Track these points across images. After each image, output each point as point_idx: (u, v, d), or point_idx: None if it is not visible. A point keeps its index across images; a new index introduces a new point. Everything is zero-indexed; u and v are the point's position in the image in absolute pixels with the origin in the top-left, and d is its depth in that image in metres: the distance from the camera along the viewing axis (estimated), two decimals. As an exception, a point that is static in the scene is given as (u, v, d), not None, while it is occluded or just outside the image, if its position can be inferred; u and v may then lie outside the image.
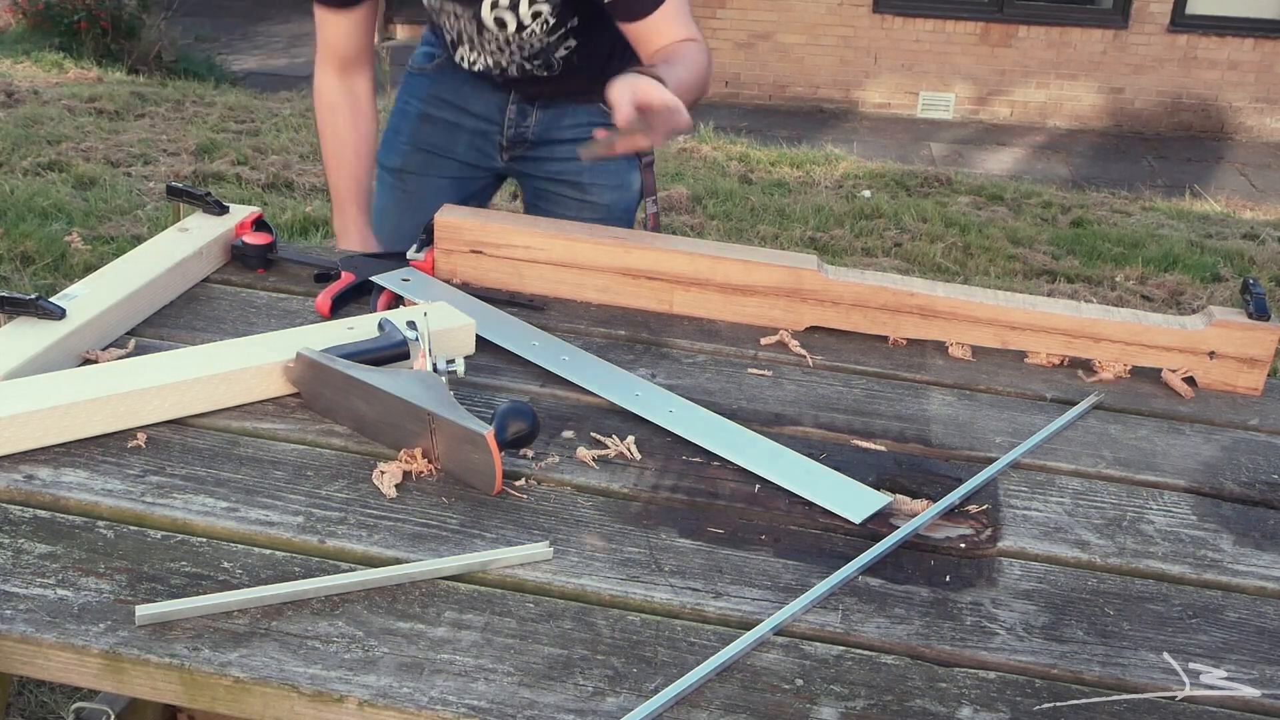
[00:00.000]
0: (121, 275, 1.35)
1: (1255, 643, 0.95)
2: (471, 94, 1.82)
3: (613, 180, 1.85)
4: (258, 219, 1.55)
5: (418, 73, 1.89)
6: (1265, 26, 7.66)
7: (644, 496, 1.09)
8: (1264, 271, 4.88)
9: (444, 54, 1.81)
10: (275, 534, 0.99)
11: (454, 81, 1.82)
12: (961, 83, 7.96)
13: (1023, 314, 1.42)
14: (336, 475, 1.07)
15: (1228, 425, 1.33)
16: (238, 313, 1.39)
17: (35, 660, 0.86)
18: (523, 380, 1.28)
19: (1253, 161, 7.26)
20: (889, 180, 5.92)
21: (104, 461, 1.07)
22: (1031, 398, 1.34)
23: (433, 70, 1.85)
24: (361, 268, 1.45)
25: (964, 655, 0.91)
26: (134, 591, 0.90)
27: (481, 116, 1.84)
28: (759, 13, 7.92)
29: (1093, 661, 0.91)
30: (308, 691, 0.82)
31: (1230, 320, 1.38)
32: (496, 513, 1.04)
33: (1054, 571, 1.03)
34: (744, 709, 0.84)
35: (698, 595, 0.95)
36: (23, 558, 0.93)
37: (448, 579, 0.95)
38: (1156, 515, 1.13)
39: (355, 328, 1.26)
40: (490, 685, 0.84)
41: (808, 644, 0.91)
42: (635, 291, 1.47)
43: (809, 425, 1.24)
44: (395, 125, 1.90)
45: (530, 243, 1.47)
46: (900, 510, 1.09)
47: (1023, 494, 1.14)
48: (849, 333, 1.45)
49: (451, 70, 1.80)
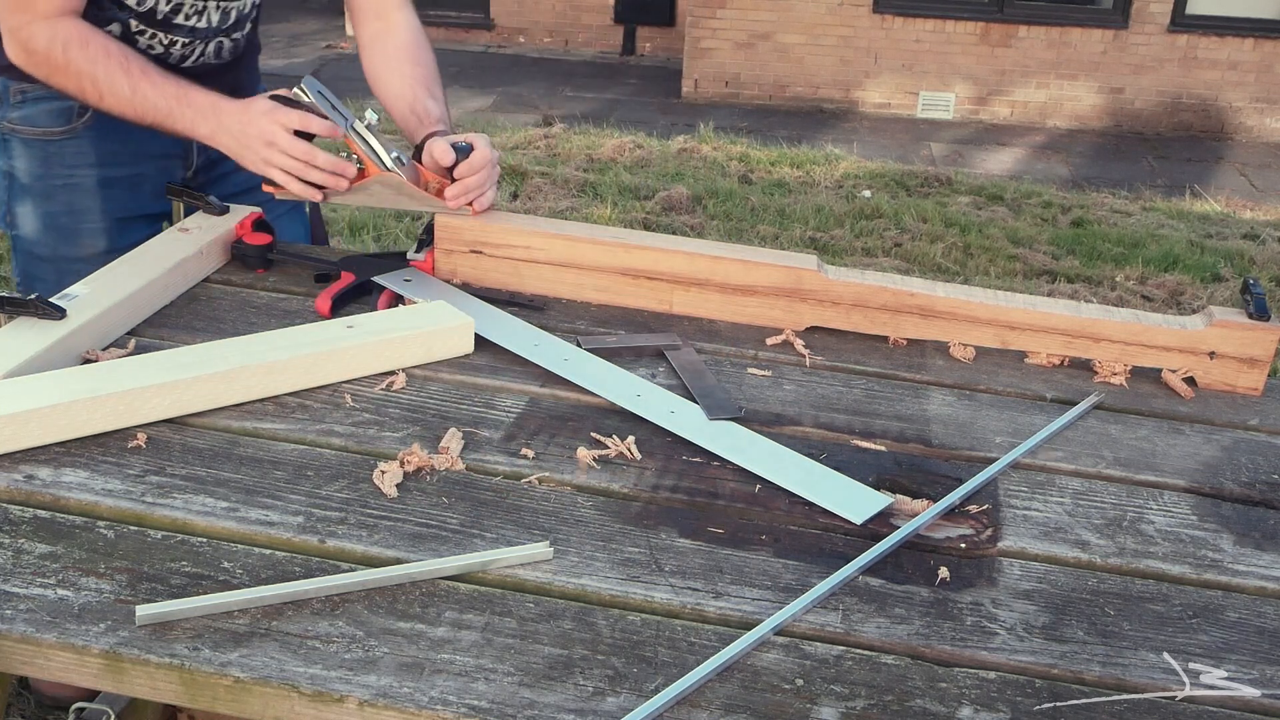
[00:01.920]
0: (122, 275, 1.35)
1: (1255, 643, 0.95)
2: (142, 133, 1.52)
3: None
4: (258, 219, 1.55)
5: (62, 137, 1.54)
6: (1265, 26, 7.66)
7: (644, 496, 1.09)
8: (1264, 271, 4.88)
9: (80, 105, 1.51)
10: (275, 534, 0.99)
11: (118, 128, 1.51)
12: (961, 83, 7.96)
13: (1023, 314, 1.42)
14: (337, 475, 1.07)
15: (1228, 425, 1.33)
16: (238, 313, 1.39)
17: (35, 660, 0.86)
18: (523, 380, 1.28)
19: (1253, 161, 7.26)
20: (889, 180, 5.92)
21: (104, 461, 1.07)
22: (1032, 398, 1.34)
23: (85, 127, 1.55)
24: (361, 268, 1.45)
25: (964, 655, 0.91)
26: (134, 591, 0.90)
27: (162, 155, 1.62)
28: (759, 13, 7.92)
29: (1093, 661, 0.91)
30: (308, 691, 0.82)
31: (1230, 320, 1.38)
32: (497, 513, 1.04)
33: (1054, 571, 1.03)
34: (744, 709, 0.84)
35: (698, 595, 0.95)
36: (23, 558, 0.93)
37: (448, 579, 0.95)
38: (1157, 515, 1.13)
39: (355, 326, 1.26)
40: (490, 685, 0.84)
41: (808, 644, 0.91)
42: (635, 291, 1.47)
43: (809, 425, 1.24)
44: (69, 208, 1.56)
45: (530, 243, 1.47)
46: (900, 510, 1.09)
47: (1023, 494, 1.14)
48: (849, 333, 1.45)
49: (107, 117, 1.50)
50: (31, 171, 1.56)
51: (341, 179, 1.44)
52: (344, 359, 1.23)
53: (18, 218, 1.59)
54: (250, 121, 1.43)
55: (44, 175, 1.56)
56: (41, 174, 1.56)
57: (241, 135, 1.43)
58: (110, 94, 1.45)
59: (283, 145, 1.41)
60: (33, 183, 1.56)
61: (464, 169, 1.46)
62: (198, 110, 1.46)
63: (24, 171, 1.56)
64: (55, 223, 1.57)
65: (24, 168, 1.56)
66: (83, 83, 1.44)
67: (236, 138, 1.44)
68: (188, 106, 1.46)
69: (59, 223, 1.57)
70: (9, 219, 1.60)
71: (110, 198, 1.58)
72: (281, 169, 1.43)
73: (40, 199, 1.56)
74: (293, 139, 1.41)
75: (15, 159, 1.56)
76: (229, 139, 1.45)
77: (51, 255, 1.57)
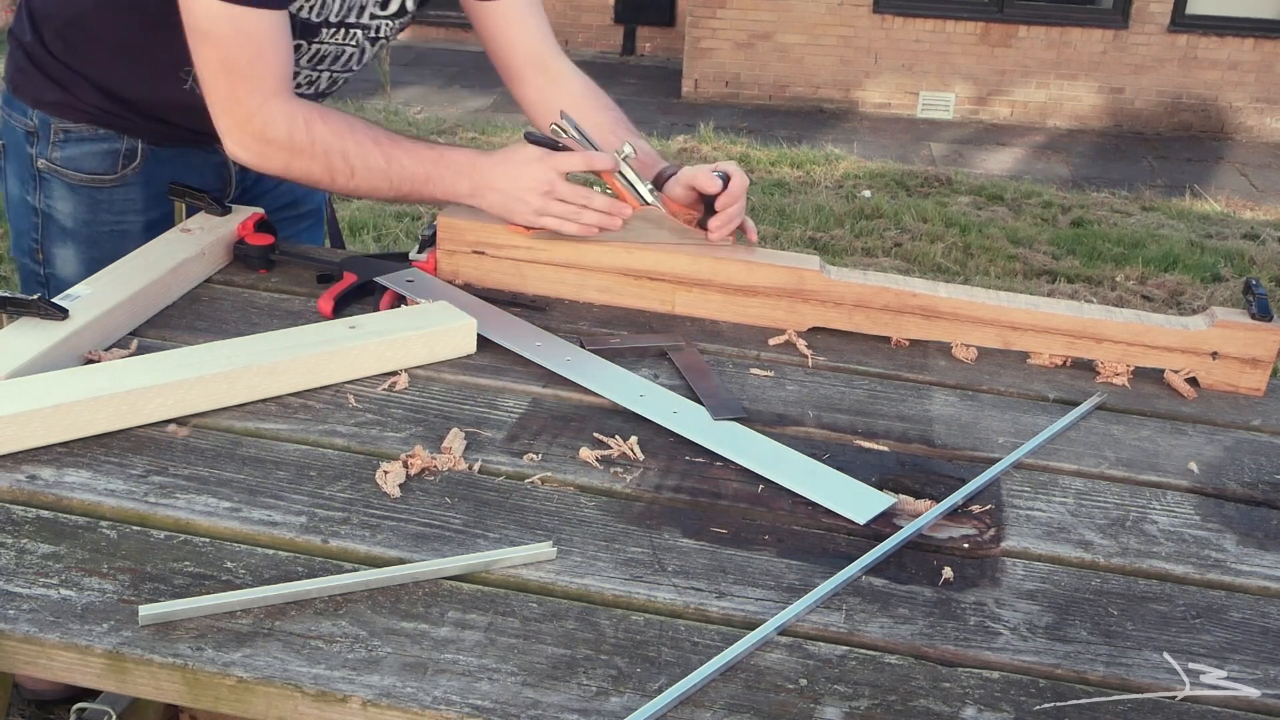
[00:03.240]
0: (124, 275, 1.35)
1: (1258, 643, 0.95)
2: (186, 172, 1.54)
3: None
4: (260, 219, 1.55)
5: (112, 184, 1.50)
6: (1265, 26, 7.67)
7: (647, 497, 1.09)
8: (1264, 271, 4.88)
9: (133, 144, 1.50)
10: (278, 534, 0.99)
11: (164, 170, 1.52)
12: (961, 83, 7.96)
13: (1025, 314, 1.42)
14: (339, 475, 1.07)
15: (1230, 426, 1.33)
16: (240, 313, 1.39)
17: (38, 660, 0.86)
18: (526, 380, 1.27)
19: (1253, 161, 7.26)
20: (889, 180, 5.92)
21: (106, 462, 1.07)
22: (1034, 398, 1.34)
23: (134, 173, 1.52)
24: (364, 268, 1.45)
25: (967, 655, 0.91)
26: (137, 591, 0.90)
27: (202, 190, 1.56)
28: (759, 13, 7.92)
29: (1096, 661, 0.91)
30: (311, 691, 0.82)
31: (1232, 321, 1.38)
32: (500, 513, 1.04)
33: (1057, 571, 1.03)
34: (748, 709, 0.84)
35: (701, 595, 0.95)
36: (26, 558, 0.93)
37: (451, 579, 0.95)
38: (1160, 515, 1.13)
39: (357, 327, 1.26)
40: (494, 685, 0.84)
41: (811, 644, 0.91)
42: (637, 292, 1.47)
43: (812, 426, 1.24)
44: (115, 252, 1.44)
45: (532, 244, 1.46)
46: (903, 510, 1.09)
47: (1026, 494, 1.14)
48: (851, 333, 1.45)
49: (155, 159, 1.51)
50: (76, 216, 1.50)
51: (616, 218, 1.40)
52: (346, 359, 1.23)
53: (55, 259, 1.53)
54: (521, 174, 1.38)
55: (90, 221, 1.51)
56: (88, 219, 1.51)
57: (513, 188, 1.39)
58: (363, 168, 1.38)
59: (559, 192, 1.38)
60: (78, 228, 1.51)
61: (725, 199, 1.42)
62: (456, 170, 1.41)
63: (66, 215, 1.50)
64: (99, 268, 1.45)
65: (67, 211, 1.50)
66: (331, 160, 1.37)
67: (505, 192, 1.39)
68: (445, 168, 1.41)
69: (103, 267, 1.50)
70: (40, 257, 1.54)
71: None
72: (557, 216, 1.39)
73: (85, 244, 1.52)
74: (568, 184, 1.38)
75: (55, 200, 1.50)
76: (495, 195, 1.40)
77: None
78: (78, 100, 1.47)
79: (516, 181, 1.39)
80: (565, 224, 1.40)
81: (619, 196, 1.42)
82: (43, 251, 1.54)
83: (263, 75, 1.32)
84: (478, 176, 1.41)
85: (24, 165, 1.51)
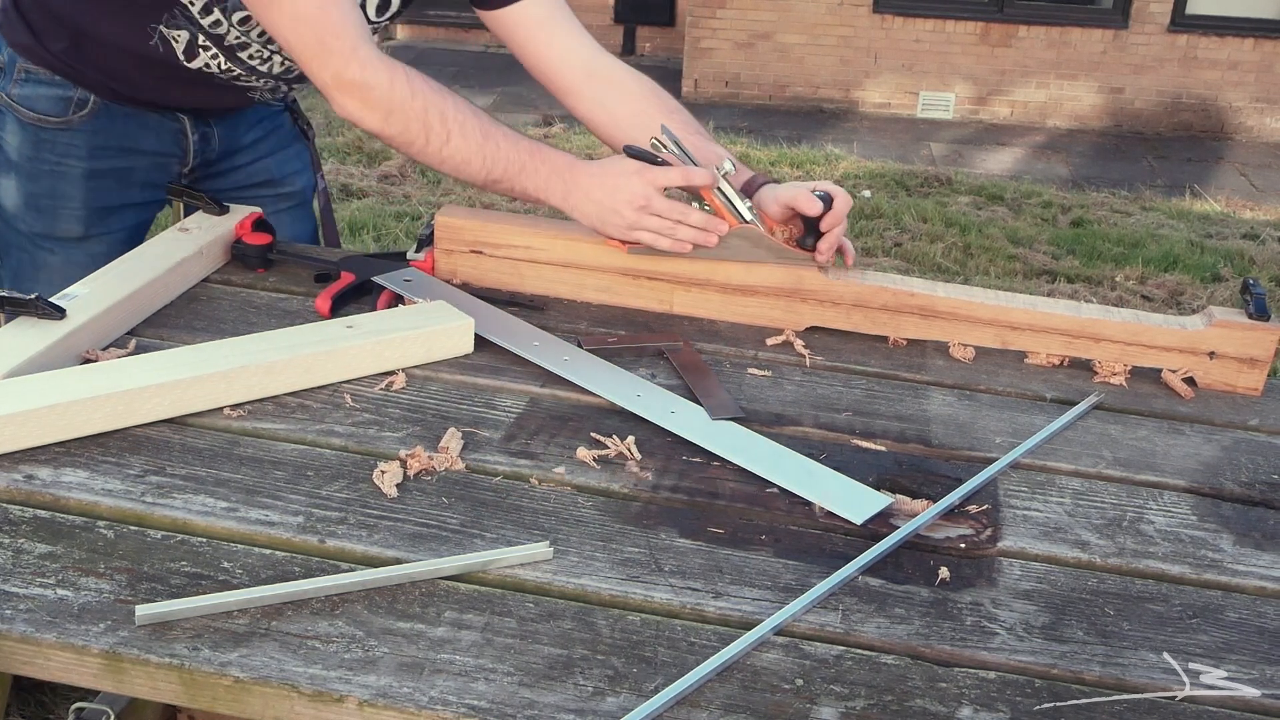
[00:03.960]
0: (121, 275, 1.35)
1: (1255, 643, 0.95)
2: (140, 131, 1.56)
3: (298, 163, 1.77)
4: (258, 219, 1.55)
5: (56, 126, 1.52)
6: (1265, 26, 7.66)
7: (644, 496, 1.09)
8: (1264, 271, 4.88)
9: (85, 94, 1.52)
10: (275, 534, 0.99)
11: (116, 125, 1.54)
12: (961, 83, 7.96)
13: (1023, 314, 1.42)
14: (337, 475, 1.07)
15: (1228, 425, 1.33)
16: (238, 313, 1.39)
17: (35, 660, 0.86)
18: (523, 380, 1.28)
19: (1253, 161, 7.26)
20: (889, 180, 5.92)
21: (104, 461, 1.07)
22: (1031, 398, 1.34)
23: (81, 121, 1.53)
24: (361, 268, 1.45)
25: (964, 655, 0.91)
26: (134, 591, 0.90)
27: (157, 153, 1.60)
28: (759, 13, 7.92)
29: (1093, 661, 0.91)
30: (308, 691, 0.82)
31: (1230, 320, 1.38)
32: (497, 513, 1.04)
33: (1054, 571, 1.03)
34: (744, 709, 0.84)
35: (698, 595, 0.95)
36: (23, 557, 0.93)
37: (448, 579, 0.95)
38: (1156, 515, 1.13)
39: (355, 326, 1.26)
40: (490, 685, 0.84)
41: (808, 644, 0.91)
42: (635, 292, 1.47)
43: (809, 425, 1.24)
44: (51, 191, 1.54)
45: (530, 243, 1.47)
46: (900, 510, 1.09)
47: (1023, 494, 1.14)
48: (849, 333, 1.45)
49: (107, 113, 1.53)
50: (21, 151, 1.54)
51: (711, 235, 1.38)
52: (344, 359, 1.23)
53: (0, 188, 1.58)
54: (618, 186, 1.36)
55: (33, 158, 1.54)
56: (31, 156, 1.54)
57: (609, 200, 1.36)
58: (460, 136, 1.34)
59: (656, 207, 1.36)
60: (21, 162, 1.55)
61: (830, 220, 1.39)
62: (553, 168, 1.38)
63: (13, 149, 1.55)
64: (36, 203, 1.56)
65: (14, 144, 1.54)
66: (430, 119, 1.33)
67: (600, 203, 1.37)
68: (542, 162, 1.38)
69: (40, 204, 1.56)
70: None
71: (94, 189, 1.55)
72: (652, 230, 1.37)
73: (25, 179, 1.55)
74: (665, 199, 1.36)
75: (6, 133, 1.55)
76: (590, 205, 1.38)
77: (27, 231, 1.57)
78: (45, 49, 1.50)
79: (613, 194, 1.36)
80: (659, 239, 1.38)
81: (716, 213, 1.39)
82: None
83: (342, 21, 1.30)
84: (573, 182, 1.38)
85: None
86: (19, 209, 1.57)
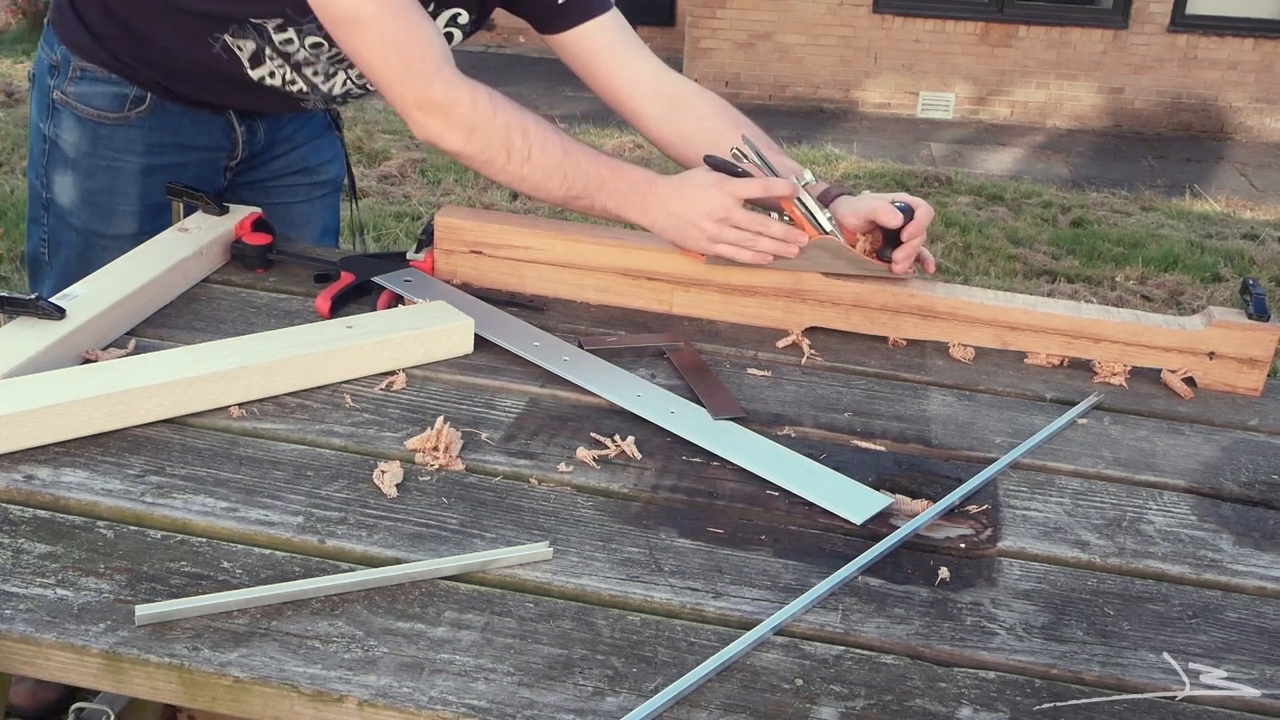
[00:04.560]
0: (121, 275, 1.35)
1: (1255, 643, 0.95)
2: (193, 127, 1.58)
3: (330, 152, 1.78)
4: (257, 219, 1.55)
5: (115, 122, 1.54)
6: (1265, 26, 7.67)
7: (644, 496, 1.09)
8: (1264, 271, 4.88)
9: (142, 92, 1.53)
10: (275, 534, 0.99)
11: (171, 121, 1.56)
12: (961, 83, 7.96)
13: (1022, 314, 1.42)
14: (336, 475, 1.07)
15: (1227, 426, 1.33)
16: (237, 313, 1.39)
17: (35, 660, 0.86)
18: (523, 380, 1.28)
19: (1253, 161, 7.26)
20: (889, 180, 5.92)
21: (104, 461, 1.07)
22: (1031, 398, 1.35)
23: (139, 117, 1.55)
24: (361, 268, 1.45)
25: (964, 655, 0.91)
26: (134, 591, 0.90)
27: (207, 148, 1.62)
28: (759, 13, 7.92)
29: (1092, 661, 0.91)
30: (307, 691, 0.82)
31: (1230, 321, 1.38)
32: (496, 513, 1.04)
33: (1054, 571, 1.03)
34: (744, 709, 0.84)
35: (697, 595, 0.95)
36: (22, 557, 0.93)
37: (447, 579, 0.95)
38: (1156, 515, 1.13)
39: (354, 326, 1.26)
40: (490, 685, 0.84)
41: (808, 644, 0.91)
42: (635, 292, 1.47)
43: (809, 425, 1.24)
44: (109, 188, 1.56)
45: (530, 243, 1.47)
46: (900, 510, 1.09)
47: (1022, 494, 1.14)
48: (848, 333, 1.45)
49: (162, 110, 1.55)
50: (78, 148, 1.55)
51: (792, 246, 1.37)
52: (344, 359, 1.23)
53: (54, 184, 1.59)
54: (698, 199, 1.35)
55: (91, 154, 1.55)
56: (89, 152, 1.55)
57: (688, 213, 1.36)
58: (541, 153, 1.35)
59: (737, 220, 1.35)
60: (79, 158, 1.56)
61: (912, 229, 1.38)
62: (632, 184, 1.38)
63: (70, 145, 1.56)
64: (93, 199, 1.57)
65: (71, 141, 1.56)
66: (511, 136, 1.34)
67: (679, 216, 1.36)
68: (622, 179, 1.38)
69: (96, 200, 1.57)
70: (45, 182, 1.61)
71: (150, 184, 1.56)
72: (732, 244, 1.37)
73: (82, 175, 1.56)
74: (745, 211, 1.35)
75: (63, 130, 1.56)
76: (670, 219, 1.37)
77: (82, 227, 1.58)
78: (103, 50, 1.52)
79: (692, 206, 1.35)
80: (741, 251, 1.37)
81: (796, 224, 1.38)
82: (47, 175, 1.60)
83: (426, 44, 1.31)
84: (652, 196, 1.38)
85: (43, 94, 1.58)
86: (75, 205, 1.57)
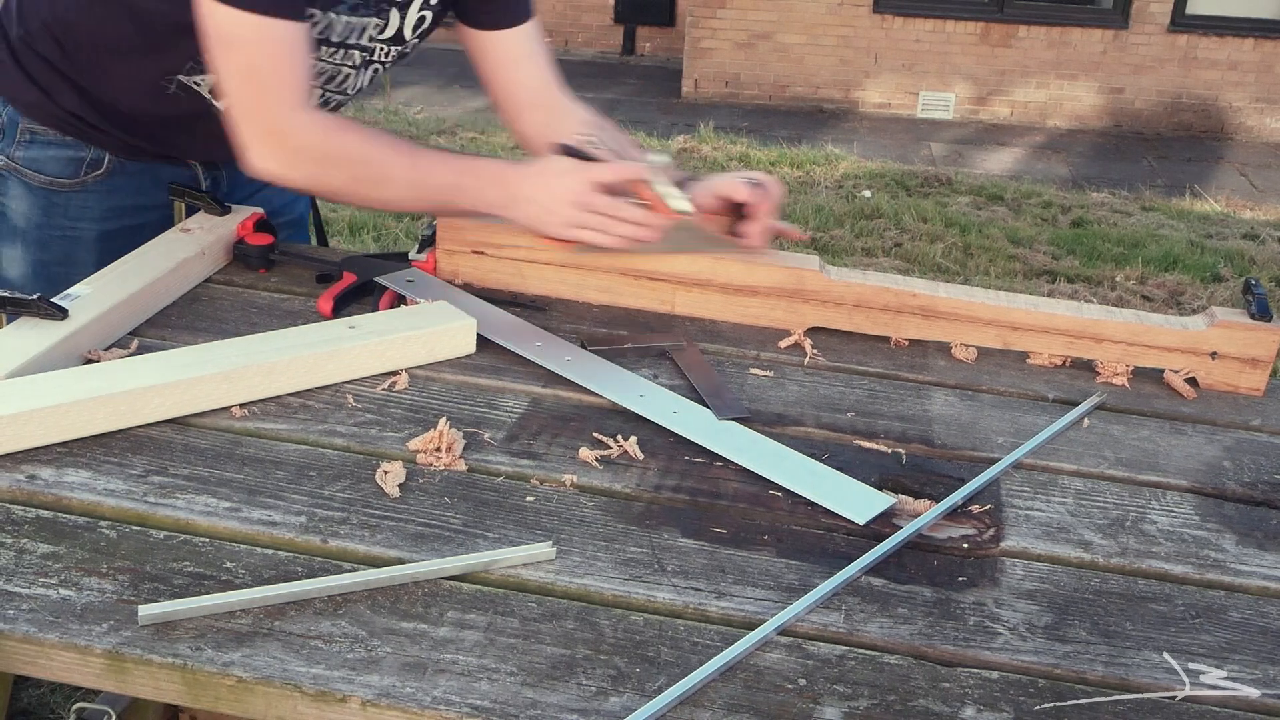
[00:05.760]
0: (123, 275, 1.35)
1: (1258, 643, 0.95)
2: (153, 186, 1.52)
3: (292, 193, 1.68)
4: (260, 219, 1.55)
5: (70, 189, 1.47)
6: (1265, 26, 7.67)
7: (646, 497, 1.09)
8: (1264, 271, 4.88)
9: (99, 154, 1.47)
10: (278, 534, 0.99)
11: (130, 182, 1.50)
12: (961, 83, 7.97)
13: (1025, 315, 1.42)
14: (339, 475, 1.07)
15: (1230, 426, 1.33)
16: (239, 313, 1.39)
17: (38, 660, 0.86)
18: (525, 380, 1.28)
19: (1253, 161, 7.26)
20: (889, 180, 5.92)
21: (106, 461, 1.07)
22: (1034, 398, 1.35)
23: (95, 181, 1.48)
24: (363, 268, 1.45)
25: (967, 655, 0.91)
26: (136, 591, 0.90)
27: (168, 205, 1.55)
28: (759, 13, 7.92)
29: (1095, 661, 0.91)
30: (311, 691, 0.82)
31: (1232, 321, 1.38)
32: (499, 513, 1.04)
33: (1057, 571, 1.03)
34: (747, 709, 0.84)
35: (701, 595, 0.95)
36: (25, 558, 0.93)
37: (450, 579, 0.95)
38: (1159, 515, 1.13)
39: (357, 327, 1.26)
40: (493, 685, 0.84)
41: (811, 644, 0.91)
42: (637, 292, 1.47)
43: (811, 426, 1.24)
44: (64, 258, 1.48)
45: (532, 243, 1.46)
46: (903, 510, 1.09)
47: (1025, 494, 1.14)
48: (851, 333, 1.45)
49: (121, 171, 1.48)
50: (30, 218, 1.48)
51: (652, 229, 1.36)
52: (346, 359, 1.23)
53: (2, 258, 1.52)
54: (553, 185, 1.35)
55: (43, 224, 1.48)
56: (41, 223, 1.48)
57: (546, 200, 1.35)
58: (387, 179, 1.35)
59: (596, 205, 1.34)
60: (29, 229, 1.48)
61: (766, 205, 1.40)
62: (486, 180, 1.38)
63: (20, 215, 1.48)
64: (46, 271, 1.49)
65: (21, 211, 1.48)
66: (355, 170, 1.35)
67: (539, 203, 1.36)
68: (474, 177, 1.38)
69: (50, 272, 1.48)
70: None
71: (108, 251, 1.45)
72: (591, 228, 1.36)
73: (34, 246, 1.49)
74: (602, 196, 1.34)
75: (10, 199, 1.48)
76: (529, 206, 1.37)
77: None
78: (54, 105, 1.45)
79: (549, 193, 1.35)
80: (599, 236, 1.37)
81: (653, 207, 1.38)
82: None
83: (288, 83, 1.30)
84: (509, 187, 1.38)
85: None
86: (27, 279, 1.49)
